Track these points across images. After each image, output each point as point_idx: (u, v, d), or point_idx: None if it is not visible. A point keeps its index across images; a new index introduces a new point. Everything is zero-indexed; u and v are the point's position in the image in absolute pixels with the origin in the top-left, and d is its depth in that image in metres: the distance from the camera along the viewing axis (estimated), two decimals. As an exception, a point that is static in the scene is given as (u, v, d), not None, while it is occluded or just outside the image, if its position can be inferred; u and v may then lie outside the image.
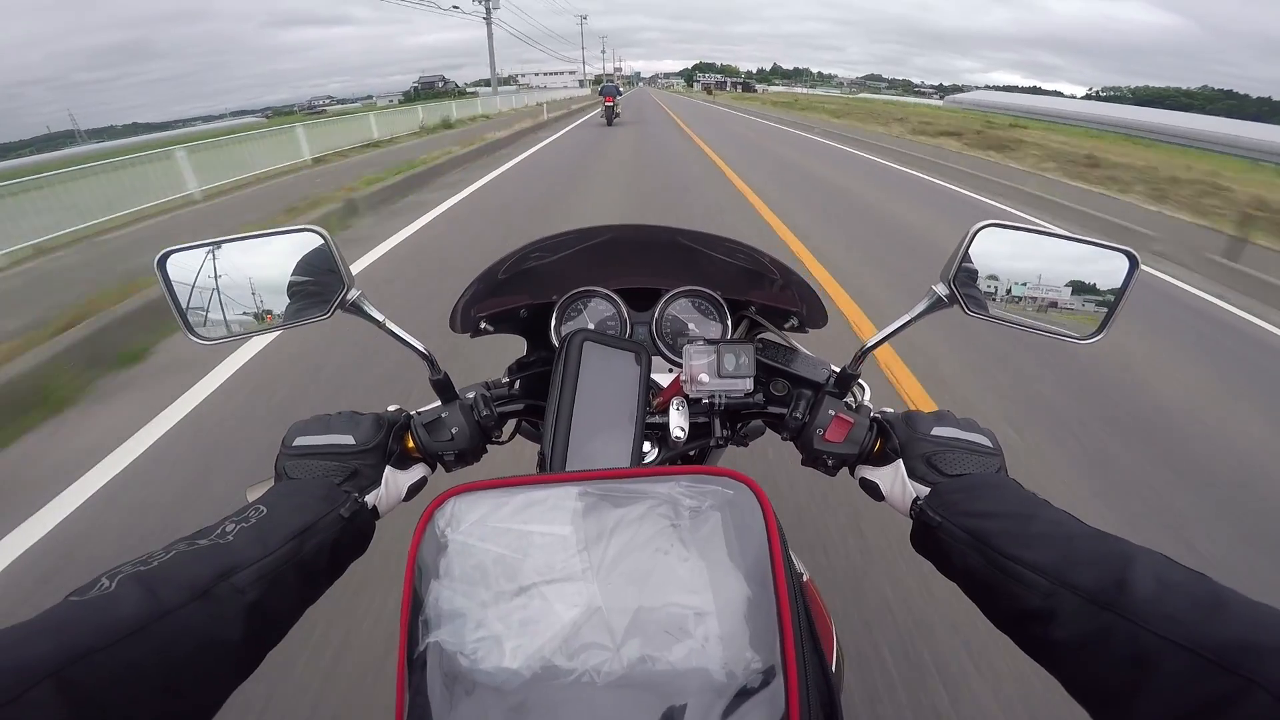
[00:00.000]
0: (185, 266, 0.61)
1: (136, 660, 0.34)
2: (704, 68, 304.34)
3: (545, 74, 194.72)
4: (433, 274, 4.59)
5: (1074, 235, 0.61)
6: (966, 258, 0.61)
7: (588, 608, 0.39)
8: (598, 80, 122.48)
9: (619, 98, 20.26)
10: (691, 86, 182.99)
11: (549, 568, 0.40)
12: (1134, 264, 0.58)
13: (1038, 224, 0.64)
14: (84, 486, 2.26)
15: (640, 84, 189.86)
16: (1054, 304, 0.63)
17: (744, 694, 0.37)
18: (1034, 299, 0.63)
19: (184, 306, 0.62)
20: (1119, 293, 0.59)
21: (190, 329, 0.62)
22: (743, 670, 0.37)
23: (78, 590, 0.37)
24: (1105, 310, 0.61)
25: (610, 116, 19.13)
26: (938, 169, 10.76)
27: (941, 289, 0.62)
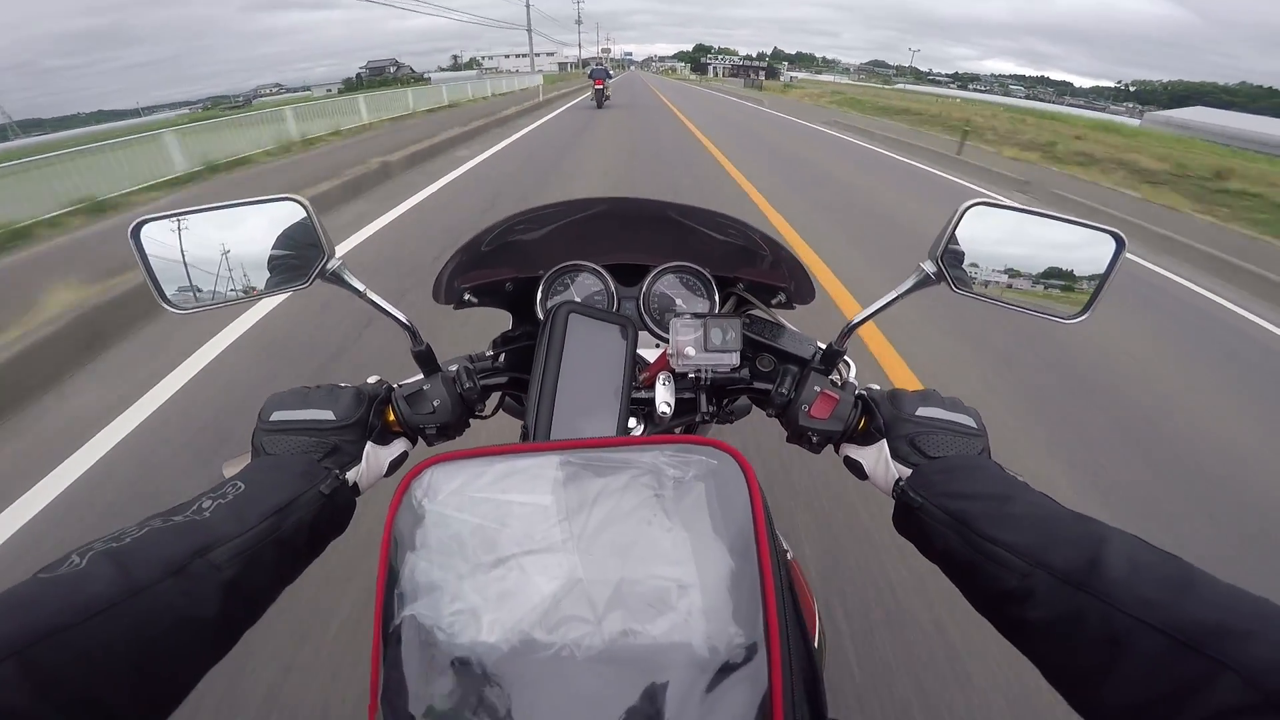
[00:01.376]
0: (161, 236, 0.60)
1: (107, 639, 0.33)
2: (703, 50, 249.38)
3: (517, 56, 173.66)
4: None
5: (1061, 216, 0.61)
6: (954, 237, 0.61)
7: (568, 579, 0.38)
8: (584, 64, 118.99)
9: (609, 81, 20.61)
10: (706, 73, 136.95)
11: (528, 538, 0.39)
12: (1120, 245, 0.58)
13: (1026, 205, 0.63)
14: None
15: (632, 68, 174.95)
16: (1040, 284, 0.63)
17: (726, 669, 0.36)
18: (1020, 278, 0.63)
19: (158, 276, 0.60)
20: (1105, 274, 0.60)
21: (164, 298, 0.61)
22: (725, 645, 0.37)
23: (46, 567, 0.36)
24: (1090, 290, 0.61)
25: (600, 99, 19.61)
26: None
27: (929, 266, 0.61)
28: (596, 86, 19.63)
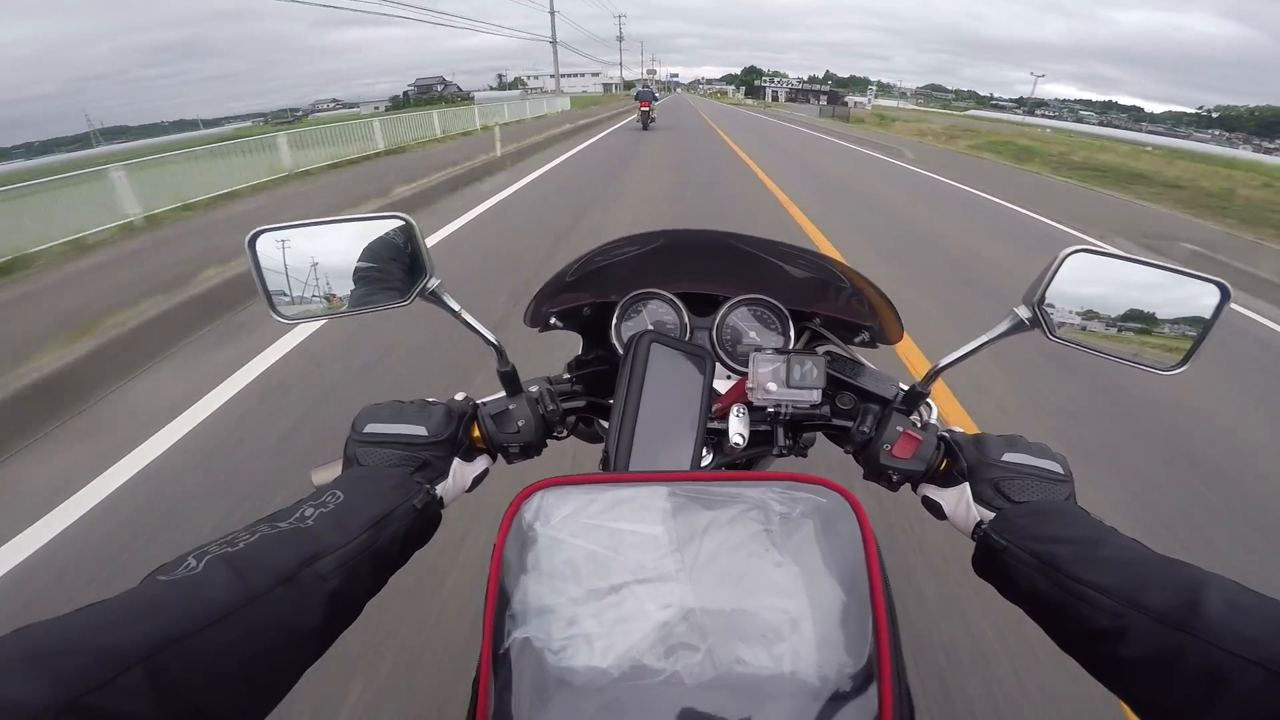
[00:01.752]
0: (274, 246, 0.63)
1: (224, 646, 0.34)
2: (755, 73, 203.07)
3: (565, 76, 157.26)
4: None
5: (1164, 264, 0.59)
6: (1052, 283, 0.60)
7: (680, 608, 0.39)
8: (629, 85, 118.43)
9: (655, 103, 20.52)
10: (763, 97, 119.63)
11: (641, 567, 0.40)
12: (1225, 295, 0.57)
13: (1127, 253, 0.62)
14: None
15: (679, 90, 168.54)
16: (1138, 333, 0.61)
17: (838, 698, 0.37)
18: (1117, 327, 0.62)
19: (268, 284, 0.63)
20: (1207, 324, 0.58)
21: (273, 306, 0.64)
22: (836, 674, 0.37)
23: (163, 568, 0.37)
24: (1191, 341, 0.59)
25: (645, 121, 19.55)
26: None
27: (1024, 311, 0.61)
28: (642, 109, 19.84)
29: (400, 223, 0.63)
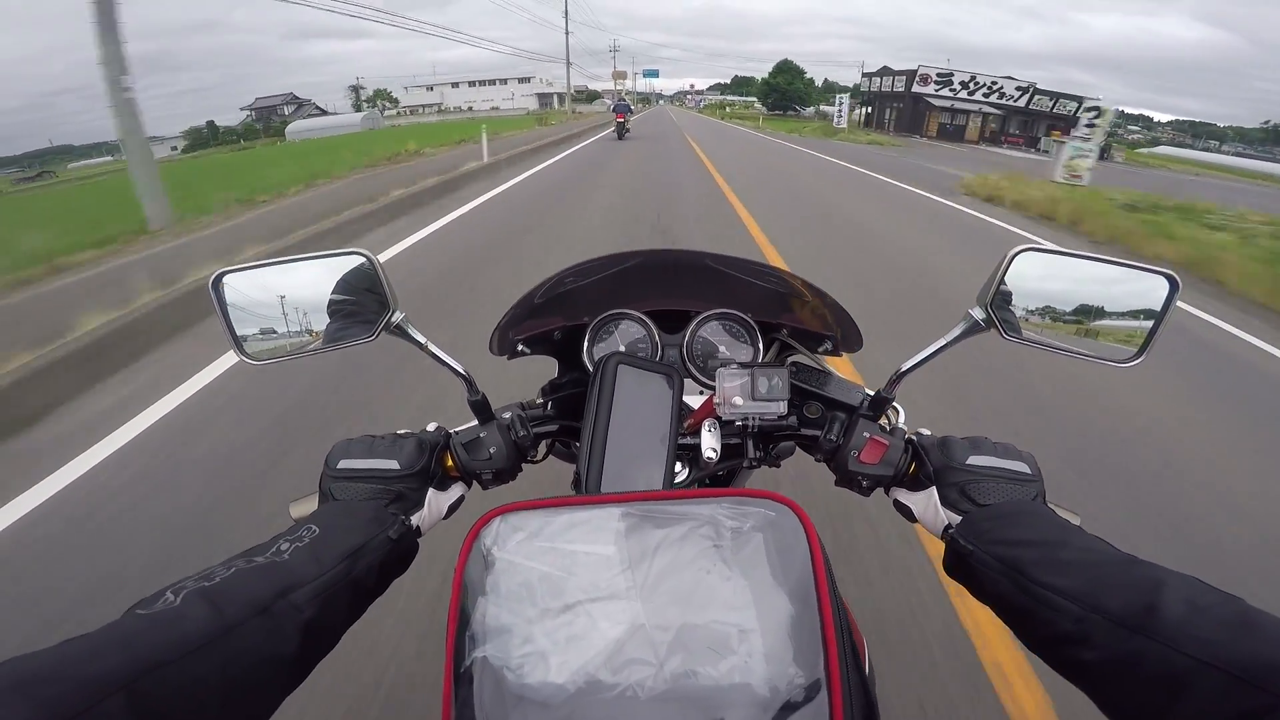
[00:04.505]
0: (238, 287, 0.64)
1: (202, 674, 0.35)
2: (791, 72, 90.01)
3: (477, 83, 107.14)
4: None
5: (1112, 259, 0.61)
6: (1003, 282, 0.61)
7: (632, 625, 0.39)
8: (590, 97, 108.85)
9: (630, 115, 22.52)
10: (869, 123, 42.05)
11: (594, 586, 0.41)
12: (1174, 286, 0.58)
13: (1075, 250, 0.63)
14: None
15: (660, 102, 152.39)
16: (1092, 327, 0.62)
17: (788, 708, 0.37)
18: (1071, 323, 0.63)
19: (234, 326, 0.64)
20: (1160, 315, 0.59)
21: (240, 348, 0.64)
22: (786, 685, 0.38)
23: (142, 603, 0.38)
24: (1145, 333, 0.60)
25: (620, 132, 21.28)
26: None
27: (978, 313, 0.62)
28: (618, 120, 21.72)
29: (360, 258, 0.64)
